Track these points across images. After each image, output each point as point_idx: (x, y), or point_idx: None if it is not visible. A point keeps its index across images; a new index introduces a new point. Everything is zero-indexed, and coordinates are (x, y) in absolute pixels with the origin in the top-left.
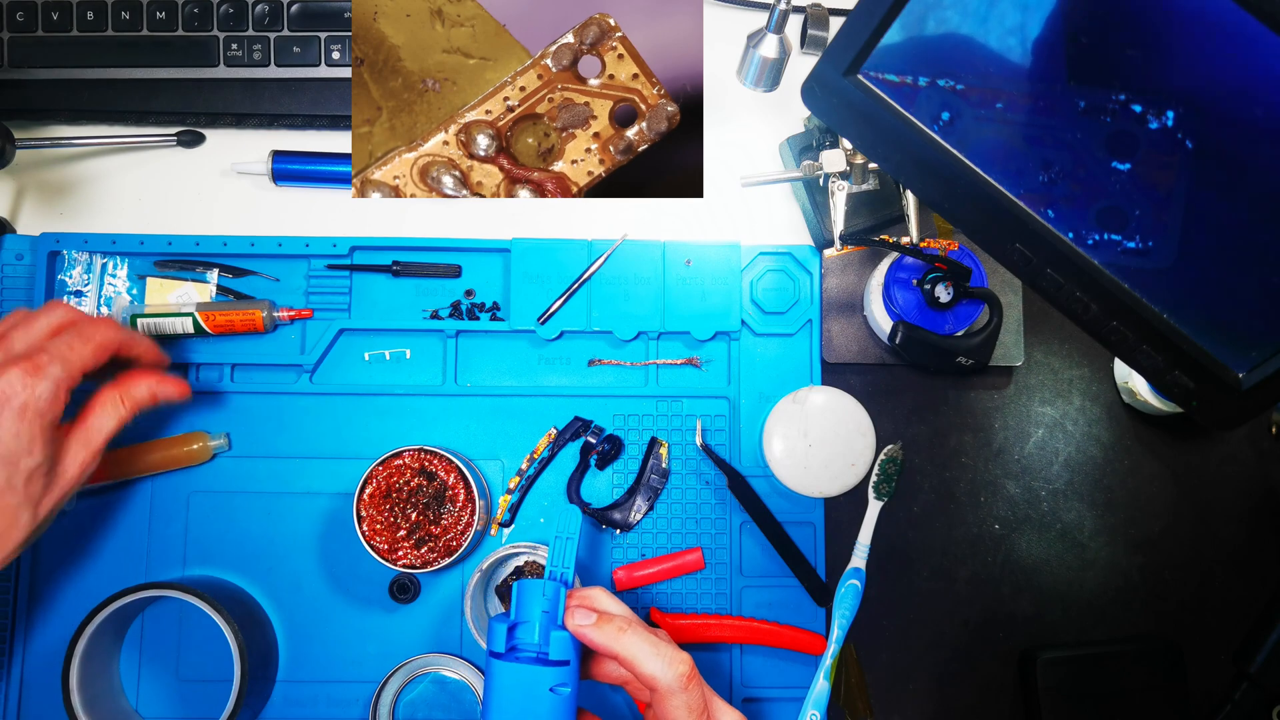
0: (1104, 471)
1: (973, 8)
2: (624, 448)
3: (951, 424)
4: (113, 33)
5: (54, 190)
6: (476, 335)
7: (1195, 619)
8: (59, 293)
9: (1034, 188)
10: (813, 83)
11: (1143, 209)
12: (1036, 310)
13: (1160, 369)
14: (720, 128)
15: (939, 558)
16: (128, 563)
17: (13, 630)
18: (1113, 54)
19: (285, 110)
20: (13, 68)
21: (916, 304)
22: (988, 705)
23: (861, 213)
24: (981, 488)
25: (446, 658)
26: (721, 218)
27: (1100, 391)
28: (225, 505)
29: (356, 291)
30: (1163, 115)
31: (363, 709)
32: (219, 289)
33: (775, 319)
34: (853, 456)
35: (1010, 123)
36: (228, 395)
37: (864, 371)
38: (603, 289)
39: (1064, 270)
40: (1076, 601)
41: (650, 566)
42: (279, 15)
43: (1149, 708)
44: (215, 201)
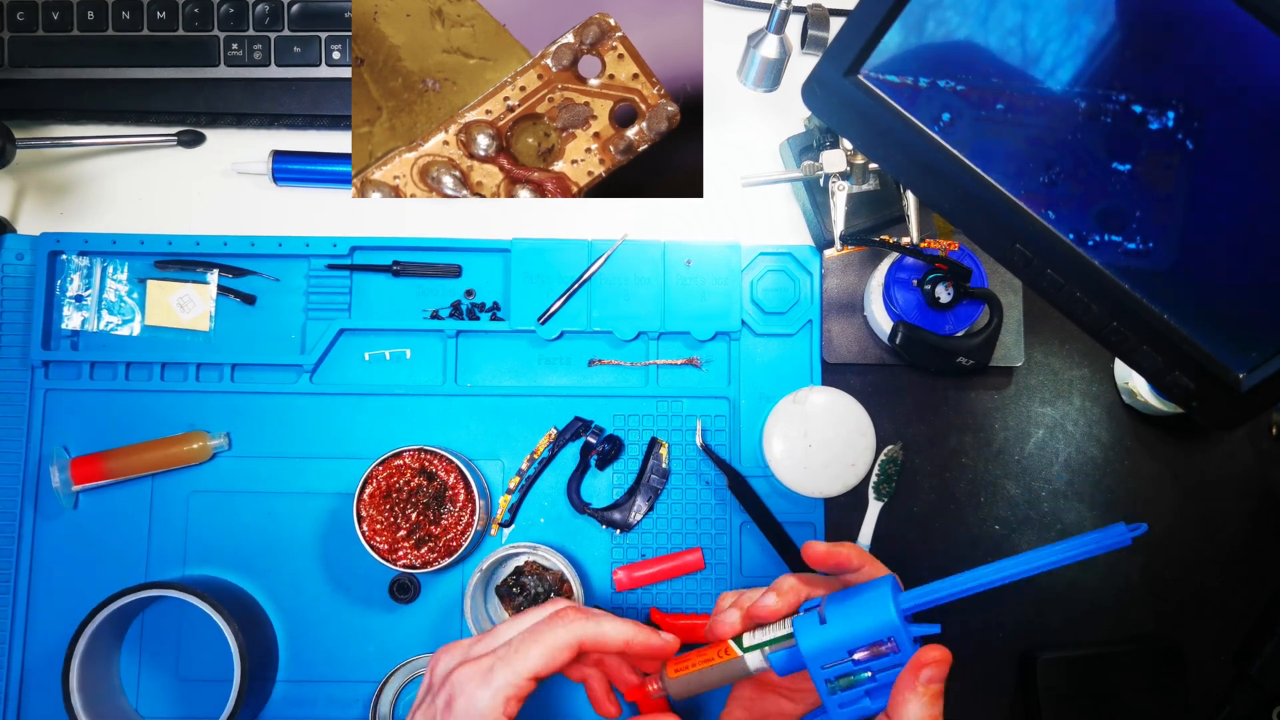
0: (1104, 472)
1: (973, 8)
2: (624, 448)
3: (951, 424)
4: (113, 33)
5: (54, 190)
6: (477, 335)
7: (1195, 619)
8: (59, 302)
9: (1035, 188)
10: (813, 83)
11: (1143, 210)
12: (1036, 311)
13: (1160, 369)
14: (720, 128)
15: (939, 558)
16: (128, 563)
17: (12, 630)
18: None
19: (285, 110)
20: (13, 68)
21: (917, 304)
22: (988, 705)
23: (862, 213)
24: (981, 488)
25: None
26: (721, 218)
27: (1100, 392)
28: (225, 505)
29: (356, 291)
30: (1163, 116)
31: (363, 709)
32: (219, 289)
33: (775, 319)
34: (853, 456)
35: (1011, 124)
36: (228, 395)
37: (864, 371)
38: (603, 289)
39: (1064, 271)
40: (1076, 601)
41: (650, 566)
42: (279, 15)
43: (1149, 708)
44: (215, 201)
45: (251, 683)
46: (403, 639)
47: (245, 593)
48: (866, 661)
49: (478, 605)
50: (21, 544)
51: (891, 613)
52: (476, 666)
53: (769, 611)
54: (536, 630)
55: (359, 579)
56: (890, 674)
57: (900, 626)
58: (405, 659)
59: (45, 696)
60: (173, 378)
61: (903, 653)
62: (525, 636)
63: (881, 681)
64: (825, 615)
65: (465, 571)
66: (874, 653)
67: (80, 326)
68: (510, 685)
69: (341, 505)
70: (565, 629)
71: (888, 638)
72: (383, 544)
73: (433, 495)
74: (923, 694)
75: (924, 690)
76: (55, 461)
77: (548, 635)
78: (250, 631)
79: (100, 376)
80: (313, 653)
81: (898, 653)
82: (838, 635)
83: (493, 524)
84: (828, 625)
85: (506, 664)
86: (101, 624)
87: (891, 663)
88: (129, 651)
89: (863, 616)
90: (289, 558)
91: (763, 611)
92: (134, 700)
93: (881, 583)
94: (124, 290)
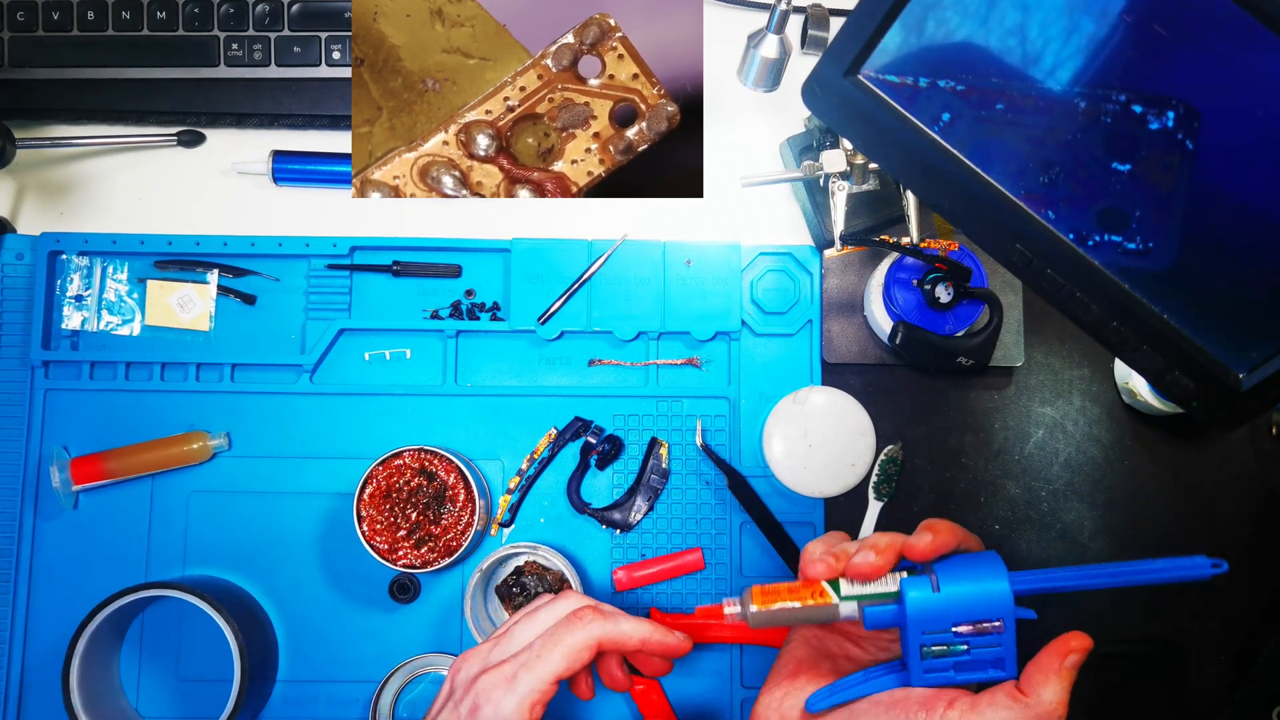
0: (1104, 472)
1: (973, 8)
2: (624, 448)
3: (951, 424)
4: (113, 32)
5: (54, 190)
6: (476, 335)
7: (1195, 619)
8: (59, 302)
9: (1035, 188)
10: (813, 83)
11: (1143, 210)
12: (1036, 310)
13: (1160, 369)
14: (720, 128)
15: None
16: (128, 563)
17: (12, 630)
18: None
19: (285, 110)
20: (13, 68)
21: (917, 304)
22: None
23: (862, 213)
24: (981, 488)
25: (446, 658)
26: (721, 218)
27: (1100, 392)
28: (225, 505)
29: (356, 291)
30: (1163, 116)
31: (363, 709)
32: (219, 289)
33: (775, 319)
34: (853, 456)
35: (1011, 124)
36: (228, 395)
37: (864, 371)
38: (603, 289)
39: (1065, 271)
40: (1077, 601)
41: (650, 566)
42: (279, 15)
43: (1149, 708)
44: (215, 201)
45: (251, 683)
46: (403, 639)
47: (245, 593)
48: (966, 636)
49: (478, 605)
50: (21, 544)
51: (1007, 594)
52: (499, 674)
53: (871, 568)
54: (556, 633)
55: (359, 579)
56: (985, 652)
57: (1013, 610)
58: (405, 659)
59: (45, 696)
60: (173, 378)
61: (1006, 634)
62: (546, 640)
63: (976, 658)
64: (939, 584)
65: (465, 571)
66: (978, 629)
67: (80, 326)
68: (535, 691)
69: (341, 505)
70: (585, 630)
71: (998, 618)
72: (383, 544)
73: (433, 495)
74: (1064, 676)
75: (1065, 674)
76: (55, 461)
77: (568, 638)
78: (250, 631)
79: (100, 376)
80: (313, 653)
81: (1001, 634)
82: (949, 605)
83: (493, 524)
84: (941, 594)
85: (530, 670)
86: (101, 624)
87: (991, 641)
88: (129, 651)
89: (978, 592)
90: (289, 558)
91: (864, 568)
92: (134, 700)
93: (994, 560)
94: (124, 290)
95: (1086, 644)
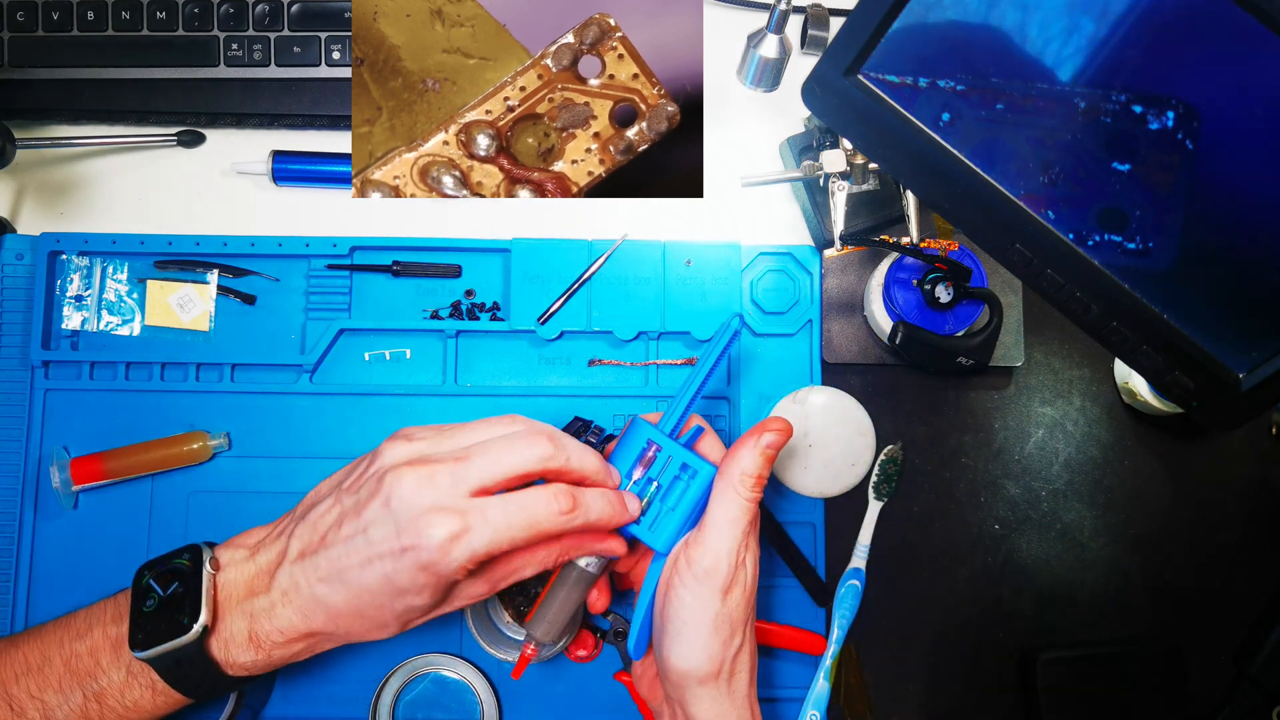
0: (1104, 471)
1: (973, 8)
2: None
3: (951, 424)
4: (113, 33)
5: (54, 190)
6: (476, 335)
7: (1195, 619)
8: (59, 302)
9: (1034, 188)
10: (813, 83)
11: (1143, 210)
12: (1036, 310)
13: (1160, 369)
14: (720, 128)
15: (939, 558)
16: (128, 563)
17: (12, 630)
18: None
19: (285, 110)
20: (13, 68)
21: (916, 304)
22: (988, 705)
23: (861, 213)
24: (981, 488)
25: (446, 658)
26: (721, 218)
27: (1100, 391)
28: (225, 505)
29: (356, 291)
30: (1163, 116)
31: (363, 709)
32: (219, 289)
33: (775, 319)
34: (853, 456)
35: (1011, 124)
36: (228, 395)
37: (864, 371)
38: (603, 289)
39: (1064, 271)
40: (1076, 601)
41: None
42: (279, 15)
43: (1149, 708)
44: (215, 201)
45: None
46: (403, 639)
47: None
48: (646, 475)
49: (477, 605)
50: (21, 544)
51: (639, 422)
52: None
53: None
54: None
55: None
56: (677, 481)
57: (647, 424)
58: (405, 659)
59: None
60: (173, 378)
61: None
62: (485, 448)
63: (669, 485)
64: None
65: None
66: (645, 462)
67: (80, 326)
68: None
69: None
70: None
71: (646, 440)
72: None
73: None
74: (756, 449)
75: (759, 449)
76: (55, 461)
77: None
78: None
79: (100, 376)
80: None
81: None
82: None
83: None
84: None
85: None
86: None
87: (674, 473)
88: None
89: (625, 441)
90: None
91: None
92: None
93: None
94: (124, 290)
95: (784, 427)
